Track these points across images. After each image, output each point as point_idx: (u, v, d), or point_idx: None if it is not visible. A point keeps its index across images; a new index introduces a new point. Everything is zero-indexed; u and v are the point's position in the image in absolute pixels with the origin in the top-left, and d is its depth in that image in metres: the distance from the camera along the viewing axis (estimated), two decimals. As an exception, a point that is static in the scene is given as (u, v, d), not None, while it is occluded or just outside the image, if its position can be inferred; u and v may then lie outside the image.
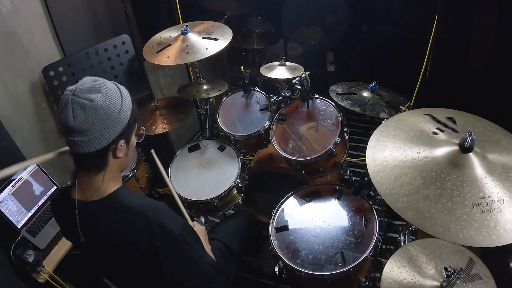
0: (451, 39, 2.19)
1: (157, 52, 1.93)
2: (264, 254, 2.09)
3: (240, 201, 2.01)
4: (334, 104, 1.89)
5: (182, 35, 1.98)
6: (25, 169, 1.57)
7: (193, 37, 1.97)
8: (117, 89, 1.01)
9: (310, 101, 1.96)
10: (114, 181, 1.07)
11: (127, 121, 1.00)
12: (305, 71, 1.94)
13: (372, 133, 1.28)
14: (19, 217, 1.66)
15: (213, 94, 2.17)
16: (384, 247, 2.08)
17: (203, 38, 1.97)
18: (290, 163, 1.89)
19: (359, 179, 1.81)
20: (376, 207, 1.63)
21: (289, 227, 1.58)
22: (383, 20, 2.86)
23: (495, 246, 0.92)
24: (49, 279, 1.60)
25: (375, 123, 1.43)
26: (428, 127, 1.23)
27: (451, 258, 1.27)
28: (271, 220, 1.63)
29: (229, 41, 1.94)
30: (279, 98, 2.24)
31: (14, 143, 1.75)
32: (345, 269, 1.37)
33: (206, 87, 2.22)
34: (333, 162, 1.85)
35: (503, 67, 2.28)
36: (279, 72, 2.12)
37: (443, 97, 2.06)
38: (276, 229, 1.59)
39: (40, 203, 1.77)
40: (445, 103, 1.36)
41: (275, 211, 1.67)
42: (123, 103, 0.99)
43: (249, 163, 2.49)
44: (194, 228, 1.38)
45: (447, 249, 1.30)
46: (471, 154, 1.07)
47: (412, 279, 1.23)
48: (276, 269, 1.56)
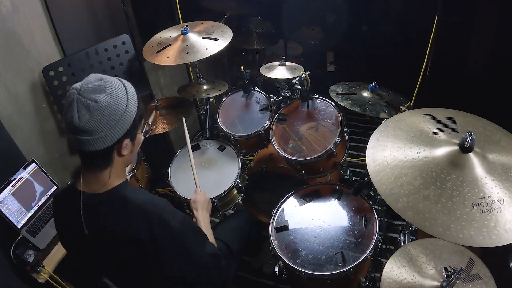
0: (451, 39, 2.19)
1: (157, 52, 1.93)
2: (264, 254, 2.09)
3: (240, 201, 2.01)
4: (334, 104, 1.89)
5: (182, 35, 1.98)
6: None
7: (193, 37, 1.97)
8: (123, 88, 1.01)
9: (310, 101, 1.96)
10: (118, 177, 1.09)
11: (132, 120, 1.01)
12: (305, 71, 1.94)
13: (372, 133, 1.28)
14: (19, 217, 1.66)
15: (213, 94, 2.17)
16: (384, 247, 2.08)
17: (203, 38, 1.97)
18: (290, 163, 1.89)
19: (359, 179, 1.81)
20: (376, 207, 1.62)
21: (289, 227, 1.58)
22: (383, 20, 2.86)
23: (495, 246, 0.92)
24: (49, 279, 1.60)
25: (375, 123, 1.43)
26: (428, 127, 1.23)
27: (451, 258, 1.27)
28: (271, 220, 1.63)
29: (229, 41, 1.94)
30: (279, 98, 2.24)
31: (14, 143, 1.75)
32: (345, 269, 1.37)
33: (206, 87, 2.22)
34: (333, 162, 1.85)
35: (503, 67, 2.28)
36: (279, 72, 2.12)
37: (443, 97, 2.06)
38: (276, 229, 1.59)
39: (40, 203, 1.77)
40: (445, 103, 1.36)
41: (275, 211, 1.67)
42: (128, 103, 0.99)
43: (249, 163, 2.49)
44: (197, 197, 1.47)
45: (447, 249, 1.30)
46: (471, 154, 1.07)
47: (412, 279, 1.23)
48: (276, 269, 1.56)
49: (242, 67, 2.17)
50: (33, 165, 1.76)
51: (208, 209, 1.55)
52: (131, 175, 2.00)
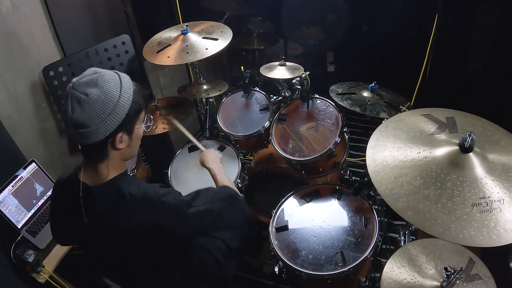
0: (451, 39, 2.19)
1: (157, 52, 1.93)
2: (264, 254, 2.08)
3: (240, 201, 2.01)
4: (334, 104, 1.89)
5: (182, 35, 1.98)
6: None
7: (193, 37, 1.97)
8: (117, 82, 1.01)
9: (310, 101, 1.96)
10: (116, 169, 1.10)
11: (125, 114, 1.00)
12: (305, 71, 1.94)
13: (372, 133, 1.28)
14: (19, 217, 1.66)
15: (213, 94, 2.17)
16: (384, 247, 2.08)
17: (203, 38, 1.97)
18: (290, 163, 1.89)
19: (359, 179, 1.81)
20: (376, 207, 1.63)
21: (289, 227, 1.58)
22: (383, 20, 2.86)
23: (495, 246, 0.92)
24: (49, 279, 1.60)
25: (375, 123, 1.43)
26: (428, 127, 1.23)
27: (451, 258, 1.27)
28: (271, 220, 1.63)
29: (229, 41, 1.94)
30: (279, 98, 2.24)
31: (14, 143, 1.75)
32: (345, 269, 1.37)
33: (206, 87, 2.22)
34: (333, 162, 1.85)
35: (503, 67, 2.28)
36: (279, 72, 2.12)
37: (443, 97, 2.05)
38: (276, 229, 1.59)
39: (40, 203, 1.77)
40: (445, 103, 1.36)
41: (275, 211, 1.67)
42: (121, 97, 0.99)
43: (249, 163, 2.49)
44: (207, 154, 1.55)
45: (447, 249, 1.30)
46: (471, 154, 1.07)
47: (412, 279, 1.23)
48: (276, 269, 1.56)
49: (242, 67, 2.17)
50: (33, 165, 1.76)
51: (218, 161, 1.59)
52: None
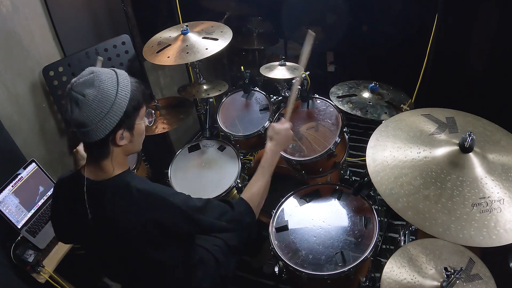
0: (451, 39, 2.19)
1: (157, 52, 1.93)
2: (264, 254, 2.08)
3: (240, 201, 2.01)
4: (334, 104, 1.89)
5: (182, 35, 1.98)
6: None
7: (193, 37, 1.97)
8: (113, 80, 1.01)
9: (310, 101, 1.96)
10: (120, 165, 1.11)
11: (124, 111, 1.01)
12: (305, 71, 1.94)
13: (372, 133, 1.28)
14: (19, 217, 1.66)
15: (213, 94, 2.17)
16: (384, 247, 2.08)
17: (203, 38, 1.97)
18: (290, 163, 1.89)
19: (359, 179, 1.81)
20: (376, 207, 1.62)
21: (289, 227, 1.58)
22: (383, 20, 2.86)
23: (495, 246, 0.92)
24: (49, 279, 1.60)
25: (375, 123, 1.43)
26: (428, 127, 1.23)
27: (451, 258, 1.27)
28: (271, 220, 1.63)
29: (229, 41, 1.94)
30: (279, 98, 2.24)
31: (14, 143, 1.75)
32: (345, 269, 1.37)
33: (206, 87, 2.22)
34: (333, 162, 1.85)
35: (503, 67, 2.28)
36: (279, 72, 2.12)
37: (443, 97, 2.06)
38: (276, 229, 1.59)
39: (40, 203, 1.77)
40: (445, 103, 1.36)
41: (275, 211, 1.67)
42: (118, 95, 1.00)
43: (249, 163, 2.49)
44: (281, 127, 1.37)
45: (447, 249, 1.30)
46: (471, 154, 1.07)
47: (412, 279, 1.23)
48: (276, 269, 1.56)
49: (242, 67, 2.17)
50: (33, 165, 1.76)
51: (285, 144, 1.41)
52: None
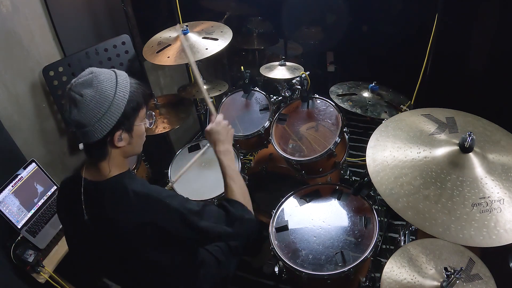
0: (451, 39, 2.19)
1: (157, 52, 1.93)
2: (264, 254, 2.08)
3: (240, 201, 2.01)
4: (334, 104, 1.89)
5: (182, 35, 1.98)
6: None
7: (193, 37, 1.97)
8: (112, 81, 1.01)
9: (310, 101, 1.96)
10: (118, 167, 1.10)
11: (121, 112, 1.00)
12: (305, 71, 1.94)
13: (372, 133, 1.28)
14: (19, 217, 1.66)
15: (213, 94, 2.17)
16: (384, 247, 2.08)
17: (203, 38, 1.97)
18: (290, 163, 1.89)
19: (359, 179, 1.81)
20: (376, 207, 1.63)
21: (289, 227, 1.58)
22: (383, 20, 2.86)
23: (495, 246, 0.92)
24: (49, 279, 1.60)
25: (375, 123, 1.43)
26: (428, 127, 1.23)
27: (451, 258, 1.27)
28: (271, 220, 1.63)
29: (229, 41, 1.93)
30: (279, 98, 2.23)
31: (14, 143, 1.75)
32: (345, 269, 1.37)
33: (206, 87, 2.22)
34: (333, 162, 1.85)
35: (503, 67, 2.28)
36: (279, 72, 2.12)
37: (443, 97, 2.05)
38: (276, 229, 1.59)
39: (40, 203, 1.77)
40: (445, 103, 1.36)
41: (275, 211, 1.67)
42: (116, 96, 0.99)
43: (249, 163, 2.49)
44: (213, 126, 1.31)
45: (447, 249, 1.30)
46: (471, 154, 1.07)
47: (412, 279, 1.23)
48: (276, 269, 1.56)
49: (242, 67, 2.17)
50: (33, 165, 1.76)
51: (228, 139, 1.30)
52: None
